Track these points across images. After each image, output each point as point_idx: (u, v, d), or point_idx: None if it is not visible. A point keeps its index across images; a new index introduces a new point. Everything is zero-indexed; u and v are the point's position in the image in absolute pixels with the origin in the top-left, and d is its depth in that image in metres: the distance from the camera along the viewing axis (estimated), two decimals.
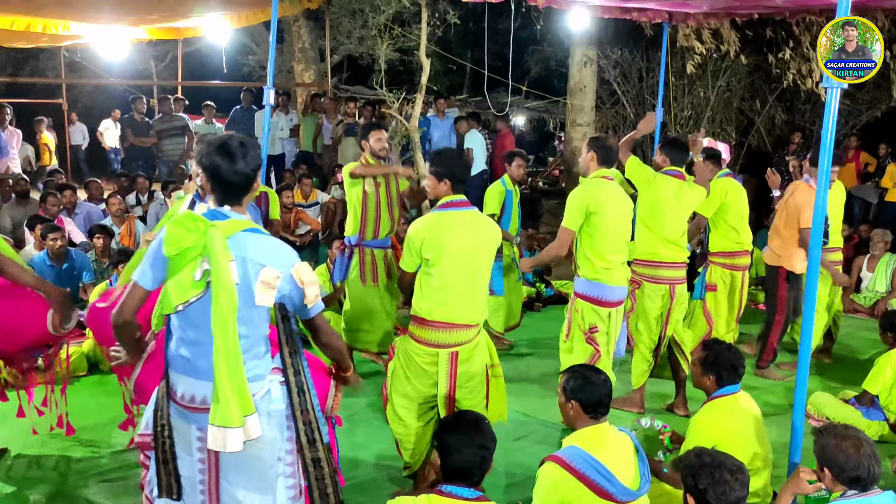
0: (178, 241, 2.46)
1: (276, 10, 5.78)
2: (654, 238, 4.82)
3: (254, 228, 2.56)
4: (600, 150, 4.40)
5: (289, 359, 2.70)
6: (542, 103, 15.58)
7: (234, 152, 2.52)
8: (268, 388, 2.62)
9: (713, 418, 3.53)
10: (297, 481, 2.72)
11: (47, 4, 7.42)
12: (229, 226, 2.50)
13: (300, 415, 2.69)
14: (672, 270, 4.88)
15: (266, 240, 2.57)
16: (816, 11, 6.91)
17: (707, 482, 2.66)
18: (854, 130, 11.23)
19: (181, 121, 10.57)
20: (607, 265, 4.35)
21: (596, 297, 4.40)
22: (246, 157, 2.54)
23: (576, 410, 3.10)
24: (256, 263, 2.48)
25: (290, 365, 2.69)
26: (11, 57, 16.32)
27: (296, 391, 2.69)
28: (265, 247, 2.53)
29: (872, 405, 4.74)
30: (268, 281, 2.47)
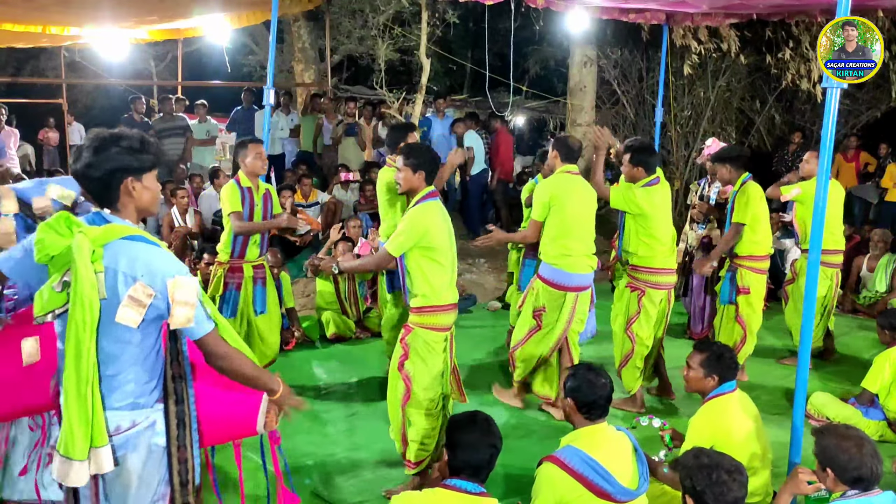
0: (44, 247, 2.23)
1: (276, 10, 5.79)
2: (656, 247, 4.91)
3: (135, 236, 2.29)
4: (563, 149, 4.82)
5: (171, 384, 2.44)
6: (542, 103, 15.57)
7: (87, 149, 2.29)
8: (153, 420, 2.38)
9: (713, 417, 3.53)
10: None
11: (48, 5, 7.41)
12: (105, 232, 2.24)
13: (175, 451, 2.42)
14: (669, 276, 5.04)
15: (146, 250, 2.28)
16: (815, 13, 6.92)
17: (704, 483, 2.66)
18: (854, 130, 11.23)
19: (182, 121, 10.55)
20: (567, 252, 4.67)
21: (554, 280, 4.69)
22: (97, 156, 2.27)
23: (570, 408, 3.11)
24: (129, 277, 2.23)
25: (171, 391, 2.43)
26: (12, 57, 16.33)
27: (174, 423, 2.42)
28: (142, 258, 2.26)
29: (872, 404, 4.74)
30: (136, 297, 2.22)
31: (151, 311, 2.26)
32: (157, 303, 2.26)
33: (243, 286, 5.06)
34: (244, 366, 2.49)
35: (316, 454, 4.41)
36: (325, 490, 3.99)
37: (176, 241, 7.46)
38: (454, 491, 2.77)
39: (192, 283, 2.30)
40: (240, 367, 2.47)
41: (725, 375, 3.59)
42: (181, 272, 2.30)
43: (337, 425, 4.82)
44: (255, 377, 2.54)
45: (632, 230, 4.95)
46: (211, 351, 2.40)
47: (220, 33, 11.25)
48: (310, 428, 4.76)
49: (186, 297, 2.27)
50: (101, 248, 2.23)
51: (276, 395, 2.59)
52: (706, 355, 3.62)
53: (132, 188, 2.34)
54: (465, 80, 19.00)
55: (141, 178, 2.36)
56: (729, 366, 3.61)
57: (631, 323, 4.98)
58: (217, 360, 2.43)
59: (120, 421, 2.31)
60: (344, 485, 4.05)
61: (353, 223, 7.50)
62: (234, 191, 5.04)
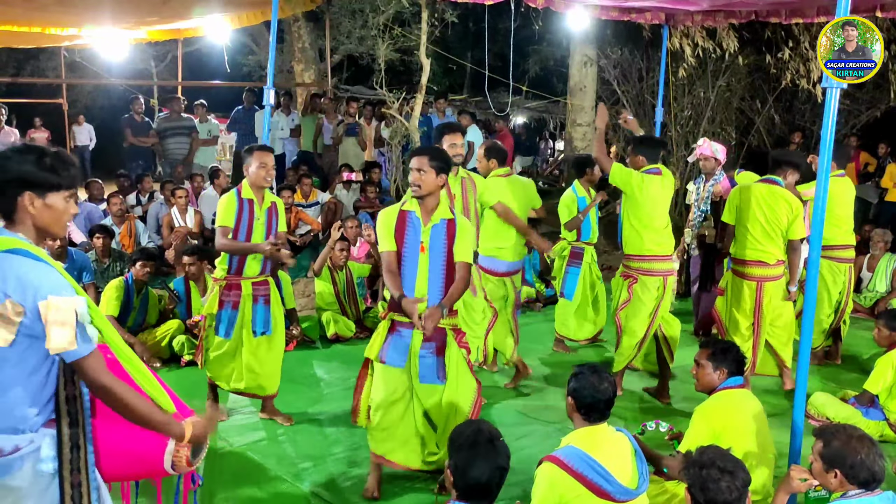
0: None
1: (276, 10, 5.78)
2: (645, 234, 5.04)
3: (17, 249, 2.14)
4: (496, 154, 5.40)
5: (64, 405, 2.26)
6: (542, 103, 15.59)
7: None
8: (37, 445, 2.21)
9: (718, 408, 3.54)
10: None
11: (48, 5, 7.41)
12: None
13: (68, 475, 2.25)
14: (664, 263, 5.12)
15: (23, 265, 2.13)
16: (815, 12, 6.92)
17: (694, 479, 2.67)
18: (854, 130, 11.23)
19: (188, 121, 10.48)
20: (501, 245, 5.23)
21: (490, 268, 5.26)
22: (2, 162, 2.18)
23: (571, 406, 3.12)
24: (0, 293, 2.10)
25: (65, 413, 2.26)
26: (12, 57, 16.35)
27: (68, 446, 2.25)
28: (16, 273, 2.11)
29: (872, 405, 4.74)
30: (5, 315, 2.08)
31: (23, 329, 2.11)
32: (28, 322, 2.11)
33: (241, 305, 4.62)
34: (134, 402, 2.23)
35: (316, 454, 4.41)
36: (325, 490, 3.99)
37: (176, 242, 7.46)
38: None
39: (69, 302, 2.13)
40: (126, 401, 2.21)
41: (733, 370, 3.62)
42: (57, 291, 2.12)
43: (337, 425, 4.81)
44: (149, 419, 2.27)
45: (625, 218, 5.14)
46: (89, 378, 2.18)
47: (220, 33, 11.24)
48: (310, 428, 4.76)
49: (62, 317, 2.09)
50: None
51: (182, 440, 2.35)
52: (713, 350, 3.67)
53: (29, 203, 2.21)
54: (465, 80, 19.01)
55: (44, 196, 2.22)
56: (736, 360, 3.64)
57: (619, 309, 5.19)
58: (98, 392, 2.21)
59: (1, 444, 2.16)
60: (343, 485, 4.05)
61: (351, 223, 7.50)
62: (230, 202, 4.54)
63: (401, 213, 3.74)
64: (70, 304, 2.12)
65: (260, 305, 4.64)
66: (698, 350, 3.76)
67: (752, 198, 5.16)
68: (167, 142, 10.39)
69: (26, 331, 2.12)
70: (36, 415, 2.22)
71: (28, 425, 2.21)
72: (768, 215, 5.10)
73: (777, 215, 5.09)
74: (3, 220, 2.23)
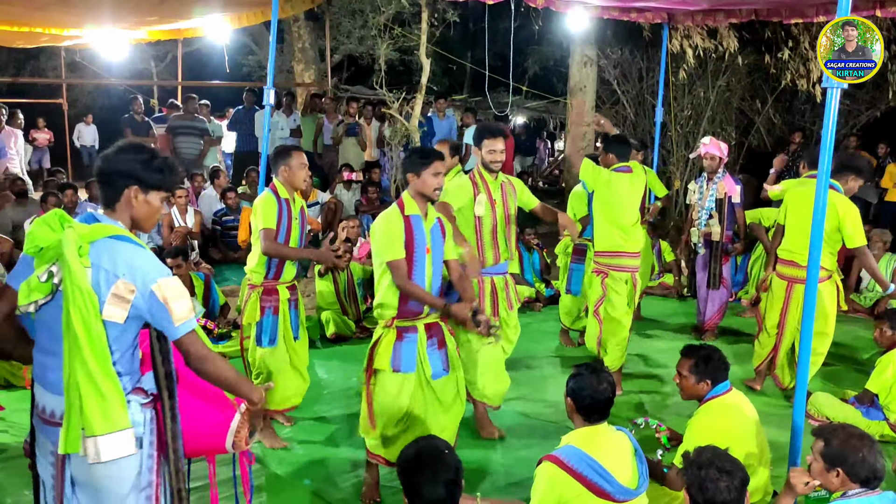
0: (35, 239, 2.33)
1: (276, 10, 5.78)
2: (613, 230, 5.19)
3: (121, 236, 2.37)
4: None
5: (164, 381, 2.49)
6: (541, 103, 15.59)
7: (112, 148, 2.47)
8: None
9: (711, 420, 3.50)
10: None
11: (48, 5, 7.42)
12: (92, 230, 2.33)
13: (171, 441, 2.47)
14: (632, 259, 5.27)
15: (129, 249, 2.35)
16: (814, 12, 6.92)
17: (692, 479, 2.66)
18: (854, 130, 11.23)
19: (201, 123, 10.39)
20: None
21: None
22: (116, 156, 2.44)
23: (570, 408, 3.12)
24: (112, 274, 2.30)
25: (164, 387, 2.48)
26: (12, 57, 16.36)
27: (169, 416, 2.48)
28: (125, 257, 2.32)
29: (872, 405, 4.74)
30: (119, 294, 2.29)
31: (132, 309, 2.32)
32: (137, 301, 2.32)
33: (280, 310, 4.44)
34: (224, 369, 2.50)
35: (316, 454, 4.41)
36: (325, 490, 3.99)
37: (176, 241, 7.46)
38: None
39: (176, 281, 2.37)
40: (221, 369, 2.48)
41: (717, 377, 3.54)
42: (164, 274, 2.36)
43: (337, 425, 4.82)
44: (236, 382, 2.54)
45: (595, 215, 5.30)
46: (191, 351, 2.41)
47: (220, 33, 11.24)
48: (310, 428, 4.76)
49: (177, 292, 2.34)
50: (87, 245, 2.30)
51: (256, 405, 2.60)
52: (694, 360, 3.56)
53: (133, 196, 2.44)
54: (465, 80, 19.01)
55: (147, 192, 2.47)
56: (719, 367, 3.55)
57: (597, 306, 5.30)
58: (197, 362, 2.43)
59: None
60: (344, 485, 4.05)
61: (352, 223, 7.51)
62: (270, 203, 4.30)
63: (405, 218, 3.67)
64: (177, 281, 2.38)
65: (293, 311, 4.51)
66: (679, 359, 3.65)
67: (799, 199, 5.13)
68: (177, 140, 10.27)
69: (134, 311, 2.33)
70: (126, 382, 2.40)
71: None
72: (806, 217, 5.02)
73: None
74: (104, 207, 2.46)
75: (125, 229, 2.41)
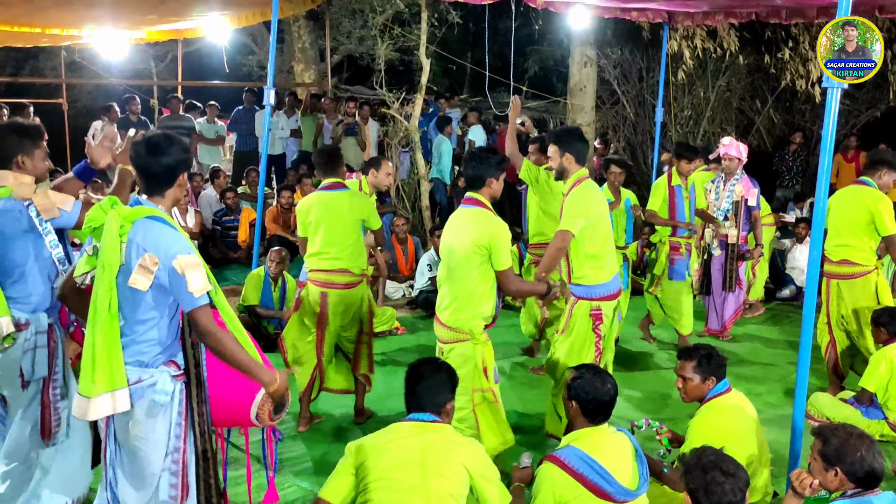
0: (90, 220, 2.65)
1: (276, 10, 5.79)
2: (551, 224, 5.17)
3: (156, 216, 2.66)
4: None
5: (191, 350, 2.76)
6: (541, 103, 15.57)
7: (157, 145, 2.69)
8: (156, 380, 2.67)
9: (714, 418, 3.51)
10: (181, 480, 2.74)
11: (48, 6, 7.42)
12: (134, 211, 2.64)
13: (196, 405, 2.75)
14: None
15: (158, 228, 2.64)
16: (814, 13, 6.92)
17: (698, 482, 2.65)
18: (854, 130, 11.23)
19: (188, 121, 10.49)
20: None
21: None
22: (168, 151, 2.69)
23: (575, 410, 3.10)
24: (142, 249, 2.59)
25: (191, 356, 2.77)
26: (11, 57, 16.33)
27: (195, 382, 2.76)
28: (153, 234, 2.62)
29: (871, 404, 4.74)
30: (145, 265, 2.56)
31: (155, 281, 2.59)
32: (160, 273, 2.59)
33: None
34: (234, 349, 2.67)
35: (316, 454, 4.41)
36: None
37: None
38: (415, 422, 2.97)
39: (196, 257, 2.63)
40: (229, 348, 2.66)
41: (719, 375, 3.58)
42: (186, 251, 2.61)
43: (338, 425, 4.81)
44: (246, 364, 2.70)
45: (531, 208, 5.61)
46: (201, 326, 2.63)
47: (220, 33, 11.24)
48: (310, 428, 4.76)
49: (194, 266, 2.59)
50: (129, 224, 2.61)
51: (271, 387, 2.77)
52: (696, 360, 3.58)
53: (183, 181, 2.79)
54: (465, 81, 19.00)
55: (185, 174, 2.82)
56: (720, 363, 3.59)
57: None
58: (206, 337, 2.67)
59: (128, 374, 2.63)
60: None
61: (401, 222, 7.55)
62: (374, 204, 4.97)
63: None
64: (197, 259, 2.63)
65: None
66: (679, 363, 3.64)
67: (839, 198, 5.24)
68: None
69: (157, 281, 2.59)
70: (158, 353, 2.69)
71: (152, 361, 2.68)
72: (840, 214, 5.15)
73: (847, 214, 5.12)
74: (148, 194, 2.73)
75: (163, 212, 2.70)
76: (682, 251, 6.30)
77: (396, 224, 7.99)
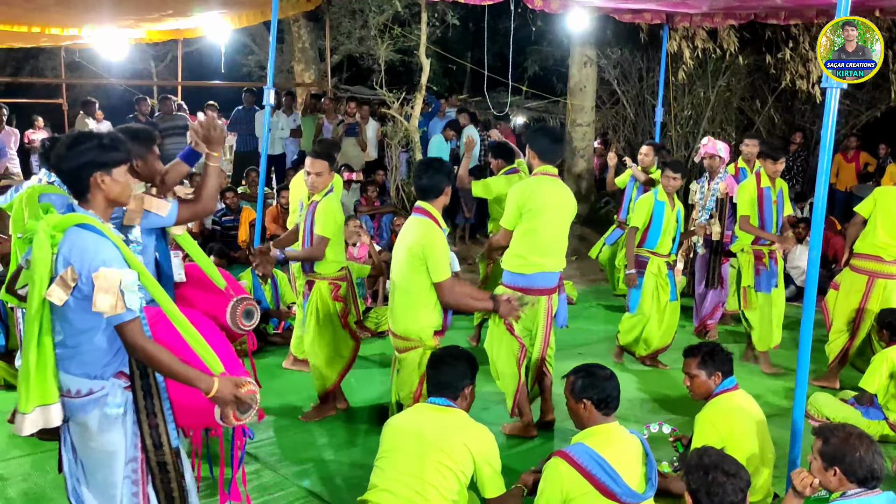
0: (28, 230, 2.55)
1: (276, 10, 5.79)
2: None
3: (86, 225, 2.51)
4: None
5: (134, 361, 2.65)
6: (541, 103, 15.55)
7: (62, 145, 2.57)
8: (106, 391, 2.60)
9: (720, 414, 3.51)
10: (141, 489, 2.70)
11: (48, 5, 7.42)
12: (64, 220, 2.52)
13: (145, 418, 2.67)
14: None
15: (85, 237, 2.49)
16: (814, 13, 6.92)
17: (699, 482, 2.65)
18: (854, 130, 11.23)
19: (183, 120, 10.52)
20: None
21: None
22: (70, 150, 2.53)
23: (589, 409, 3.08)
24: (66, 260, 2.48)
25: (135, 367, 2.65)
26: (11, 57, 16.32)
27: (141, 394, 2.66)
28: (79, 244, 2.48)
29: (872, 405, 4.74)
30: (65, 278, 2.45)
31: (77, 293, 2.47)
32: (83, 287, 2.46)
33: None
34: (166, 362, 2.55)
35: (315, 454, 4.41)
36: (325, 490, 3.99)
37: None
38: (435, 405, 3.20)
39: (116, 273, 2.45)
40: (159, 361, 2.55)
41: (725, 370, 3.59)
42: (108, 264, 2.46)
43: (338, 424, 4.81)
44: (182, 375, 2.58)
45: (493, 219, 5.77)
46: (127, 341, 2.53)
47: (220, 33, 11.24)
48: (309, 427, 4.76)
49: (107, 286, 2.42)
50: (60, 233, 2.50)
51: (209, 395, 2.61)
52: (700, 357, 3.59)
53: (101, 181, 2.55)
54: (465, 81, 18.99)
55: (111, 173, 2.57)
56: (725, 359, 3.60)
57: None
58: (134, 353, 2.57)
59: (78, 385, 2.58)
60: (343, 485, 4.05)
61: (352, 224, 7.51)
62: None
63: None
64: (117, 275, 2.45)
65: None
66: (684, 361, 3.66)
67: (891, 196, 5.31)
68: (165, 141, 10.35)
69: (80, 294, 2.46)
70: (106, 364, 2.60)
71: (100, 373, 2.59)
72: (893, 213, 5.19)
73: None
74: (77, 199, 2.58)
75: (94, 218, 2.54)
76: (766, 261, 5.79)
77: (396, 224, 7.99)
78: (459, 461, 2.97)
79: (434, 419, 3.13)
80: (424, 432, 3.06)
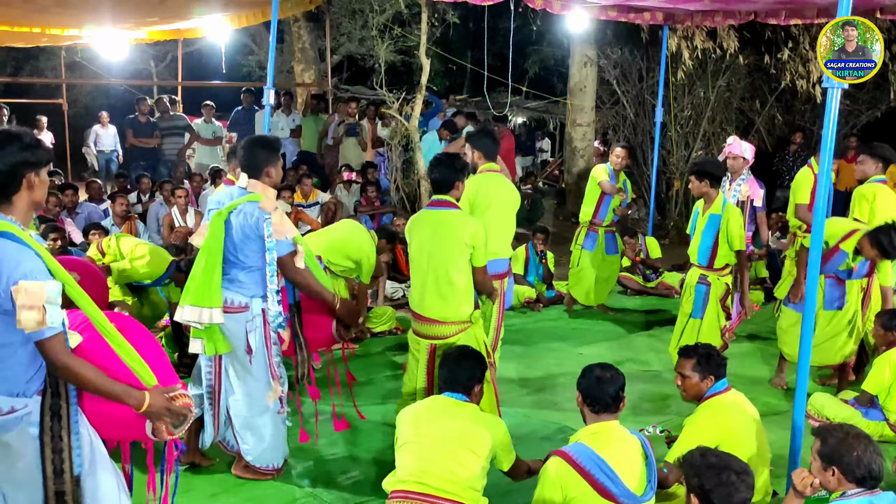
0: None
1: (276, 11, 5.79)
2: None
3: (4, 232, 2.33)
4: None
5: (49, 377, 2.47)
6: (541, 103, 15.57)
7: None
8: (30, 409, 2.43)
9: (713, 417, 3.51)
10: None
11: (48, 6, 7.42)
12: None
13: (49, 441, 2.45)
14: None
15: (5, 248, 2.31)
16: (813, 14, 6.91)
17: (713, 483, 2.64)
18: (854, 130, 11.23)
19: (182, 120, 10.58)
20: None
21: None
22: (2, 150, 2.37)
23: (579, 403, 3.14)
24: None
25: (48, 384, 2.47)
26: (11, 57, 16.34)
27: (48, 415, 2.45)
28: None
29: (872, 405, 4.74)
30: None
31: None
32: (2, 301, 2.30)
33: None
34: (92, 379, 2.41)
35: (315, 454, 4.41)
36: (325, 490, 3.99)
37: (177, 241, 7.45)
38: (452, 399, 3.42)
39: (39, 287, 2.28)
40: (84, 379, 2.41)
41: (719, 373, 3.58)
42: (30, 276, 2.29)
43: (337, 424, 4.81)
44: (109, 392, 2.45)
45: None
46: (49, 359, 2.38)
47: (220, 34, 11.24)
48: (309, 428, 4.75)
49: (30, 301, 2.26)
50: None
51: (140, 410, 2.49)
52: (696, 359, 3.59)
53: (33, 182, 2.43)
54: (465, 81, 19.01)
55: (40, 173, 2.46)
56: (720, 363, 3.60)
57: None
58: (58, 371, 2.41)
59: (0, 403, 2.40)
60: (343, 485, 4.05)
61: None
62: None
63: None
64: (40, 288, 2.28)
65: None
66: (679, 361, 3.66)
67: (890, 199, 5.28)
68: (164, 141, 10.46)
69: (0, 309, 2.31)
70: (29, 381, 2.44)
71: (23, 390, 2.42)
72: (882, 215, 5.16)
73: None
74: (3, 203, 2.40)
75: (13, 224, 2.36)
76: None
77: (396, 224, 7.99)
78: (483, 447, 3.23)
79: (456, 411, 3.38)
80: (451, 421, 3.31)
